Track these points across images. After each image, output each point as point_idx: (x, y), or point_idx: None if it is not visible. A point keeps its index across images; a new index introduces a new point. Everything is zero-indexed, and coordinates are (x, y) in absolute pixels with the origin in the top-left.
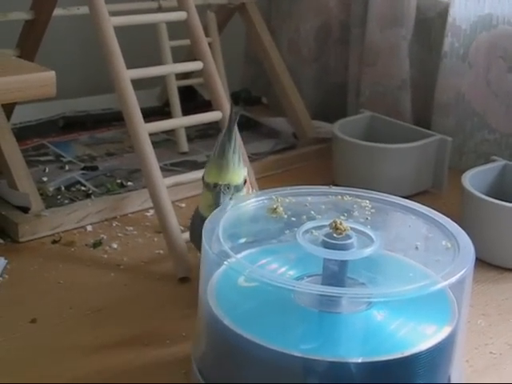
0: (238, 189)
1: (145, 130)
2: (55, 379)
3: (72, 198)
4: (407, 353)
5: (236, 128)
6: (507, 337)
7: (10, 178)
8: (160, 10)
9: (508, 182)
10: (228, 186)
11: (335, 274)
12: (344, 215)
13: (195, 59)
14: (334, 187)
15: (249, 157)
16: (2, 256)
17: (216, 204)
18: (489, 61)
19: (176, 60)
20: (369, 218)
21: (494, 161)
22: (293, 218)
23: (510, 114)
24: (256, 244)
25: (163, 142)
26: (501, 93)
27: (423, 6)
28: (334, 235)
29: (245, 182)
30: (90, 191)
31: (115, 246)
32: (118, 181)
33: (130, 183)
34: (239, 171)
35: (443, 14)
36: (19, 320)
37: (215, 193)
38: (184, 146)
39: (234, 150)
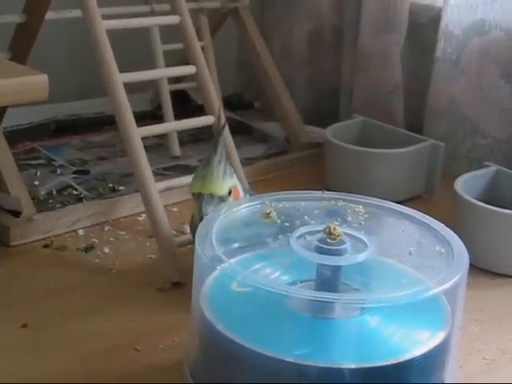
0: (222, 199)
1: (137, 134)
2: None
3: (63, 202)
4: (401, 359)
5: (223, 140)
6: (500, 342)
7: (1, 181)
8: (153, 13)
9: (500, 188)
10: (211, 196)
11: (329, 280)
12: (337, 220)
13: (188, 63)
14: (327, 192)
15: (241, 161)
16: None
17: (199, 213)
18: (481, 66)
19: (169, 64)
20: (362, 223)
21: (486, 166)
22: (286, 223)
23: (503, 120)
24: (249, 249)
25: (155, 146)
26: (493, 98)
27: (416, 11)
28: (328, 240)
29: (230, 193)
30: (82, 195)
31: (107, 250)
32: (110, 185)
33: (121, 187)
34: (224, 182)
35: (436, 19)
36: (10, 324)
37: (198, 202)
38: (176, 150)
39: (220, 160)
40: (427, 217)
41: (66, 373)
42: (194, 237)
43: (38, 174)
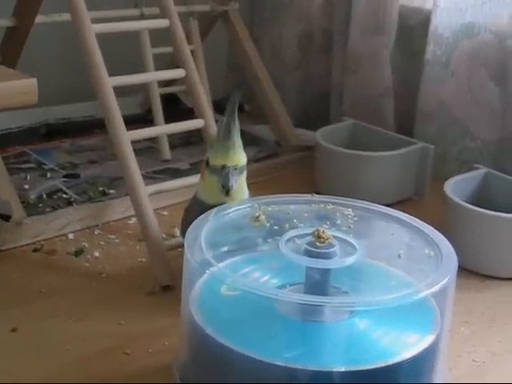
0: (241, 170)
1: (127, 137)
2: None
3: (53, 205)
4: (390, 361)
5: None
6: (490, 345)
7: None
8: (142, 17)
9: (490, 190)
10: (235, 167)
11: (318, 283)
12: (327, 223)
13: (178, 67)
14: (316, 195)
15: None
16: None
17: (225, 186)
18: (471, 69)
19: (158, 67)
20: (351, 226)
21: (476, 169)
22: (275, 227)
23: (492, 122)
24: (238, 252)
25: (146, 149)
26: (483, 100)
27: (405, 14)
28: (317, 244)
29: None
30: (72, 199)
31: (97, 254)
32: (100, 188)
33: (112, 191)
34: (243, 152)
35: (425, 22)
36: (0, 328)
37: (224, 175)
38: (166, 153)
39: (238, 131)
40: (416, 220)
41: (57, 376)
42: (188, 222)
43: (28, 177)
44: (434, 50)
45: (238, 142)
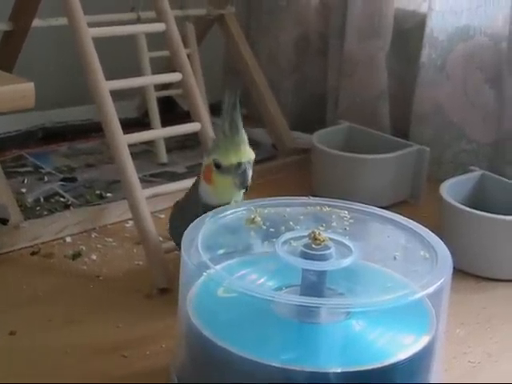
0: (251, 164)
1: (124, 141)
2: None
3: (51, 209)
4: (386, 362)
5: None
6: (485, 346)
7: None
8: (139, 21)
9: (485, 192)
10: (249, 162)
11: (314, 285)
12: (322, 226)
13: (174, 70)
14: (312, 198)
15: None
16: None
17: (244, 183)
18: (466, 72)
19: (155, 71)
20: (347, 228)
21: (471, 171)
22: (271, 229)
23: (488, 125)
24: (235, 255)
25: (142, 152)
26: (478, 103)
27: (401, 18)
28: (313, 246)
29: None
30: (69, 202)
31: (94, 257)
32: (97, 192)
33: (109, 194)
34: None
35: (421, 25)
36: None
37: (241, 172)
38: (163, 156)
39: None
40: (412, 222)
41: (54, 380)
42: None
43: (26, 181)
44: (430, 53)
45: (245, 135)
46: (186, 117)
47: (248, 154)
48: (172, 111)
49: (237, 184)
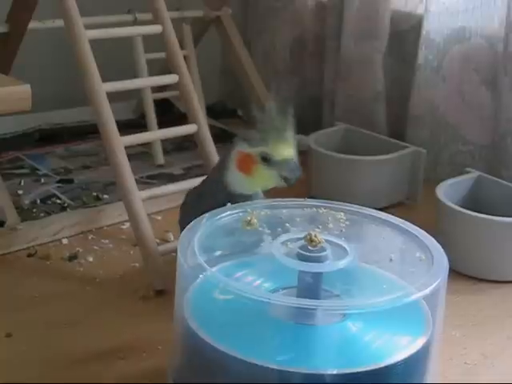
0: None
1: (120, 142)
2: None
3: (47, 211)
4: (382, 364)
5: None
6: (482, 347)
7: None
8: (135, 23)
9: (482, 194)
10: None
11: (310, 286)
12: (319, 227)
13: (171, 72)
14: (308, 199)
15: None
16: None
17: (293, 178)
18: (462, 73)
19: (152, 73)
20: (343, 230)
21: (467, 172)
22: (268, 231)
23: (484, 126)
24: (231, 257)
25: (139, 154)
26: (474, 105)
27: (397, 19)
28: (309, 247)
29: None
30: (66, 204)
31: (91, 259)
32: (94, 194)
33: (105, 196)
34: None
35: (417, 27)
36: None
37: (291, 167)
38: (160, 158)
39: None
40: (408, 223)
41: (52, 381)
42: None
43: (22, 183)
44: (426, 55)
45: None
46: (183, 118)
47: (293, 150)
48: (169, 113)
49: (286, 179)
